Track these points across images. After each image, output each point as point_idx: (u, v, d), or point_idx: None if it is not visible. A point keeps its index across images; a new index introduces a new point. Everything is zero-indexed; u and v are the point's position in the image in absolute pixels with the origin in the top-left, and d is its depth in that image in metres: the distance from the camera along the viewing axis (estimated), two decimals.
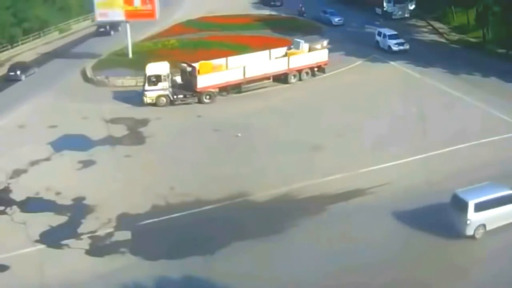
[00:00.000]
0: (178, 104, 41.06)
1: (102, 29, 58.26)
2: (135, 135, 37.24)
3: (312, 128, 36.64)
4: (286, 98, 42.09)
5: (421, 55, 49.96)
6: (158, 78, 39.81)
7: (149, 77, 40.12)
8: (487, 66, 45.78)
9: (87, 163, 33.24)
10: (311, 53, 45.96)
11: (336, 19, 61.96)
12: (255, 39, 53.82)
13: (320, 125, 37.15)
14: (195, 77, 40.48)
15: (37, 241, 26.30)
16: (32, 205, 29.35)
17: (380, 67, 48.09)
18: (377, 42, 52.72)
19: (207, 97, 41.11)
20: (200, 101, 40.97)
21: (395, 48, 50.85)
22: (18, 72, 48.17)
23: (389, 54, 50.58)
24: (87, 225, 27.52)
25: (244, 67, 42.24)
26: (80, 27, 64.71)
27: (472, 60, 47.92)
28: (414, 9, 64.27)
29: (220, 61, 43.43)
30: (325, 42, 54.56)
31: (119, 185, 30.49)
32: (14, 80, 47.87)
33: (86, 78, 47.84)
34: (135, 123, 38.76)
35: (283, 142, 34.70)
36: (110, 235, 26.82)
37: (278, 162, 32.46)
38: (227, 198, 29.08)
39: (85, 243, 26.27)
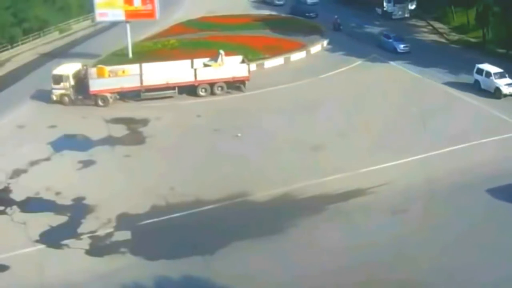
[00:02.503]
0: (79, 105, 41.33)
1: None
2: (135, 135, 37.24)
3: (312, 127, 36.67)
4: (286, 98, 42.05)
5: (421, 55, 49.97)
6: (60, 78, 41.09)
7: (52, 76, 41.53)
8: None
9: (87, 163, 33.24)
10: (224, 67, 42.70)
11: (401, 46, 51.85)
12: (255, 39, 53.84)
13: (320, 124, 37.16)
14: (88, 80, 41.01)
15: (37, 241, 26.29)
16: (32, 205, 29.33)
17: (380, 67, 48.09)
18: (477, 81, 42.17)
19: (101, 100, 41.10)
20: (96, 104, 41.09)
21: (506, 90, 40.29)
22: None
23: (392, 54, 50.55)
24: (87, 225, 27.51)
25: (140, 75, 41.29)
26: (80, 27, 64.66)
27: (472, 60, 47.86)
28: (414, 9, 64.30)
29: (133, 66, 42.83)
30: (325, 43, 54.85)
31: (119, 185, 30.49)
32: None
33: None
34: (135, 123, 38.77)
35: (284, 142, 34.73)
36: (110, 235, 26.81)
37: (278, 162, 32.47)
38: (227, 198, 29.08)
39: (85, 243, 26.26)
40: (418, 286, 22.86)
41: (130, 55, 49.70)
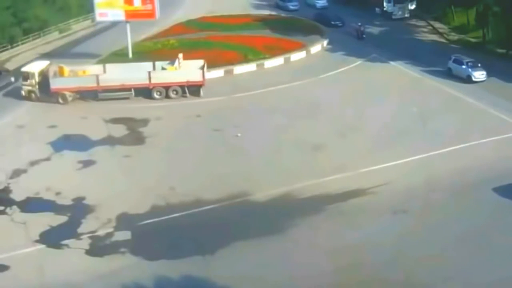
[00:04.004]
0: (45, 101, 41.87)
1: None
2: (135, 135, 37.24)
3: (312, 127, 36.66)
4: (286, 98, 42.04)
5: (421, 55, 49.92)
6: (27, 75, 42.38)
7: (21, 73, 43.14)
8: (487, 66, 45.73)
9: (87, 163, 33.26)
10: (179, 71, 42.80)
11: (477, 74, 43.44)
12: (255, 39, 53.80)
13: (320, 124, 37.16)
14: (48, 79, 42.04)
15: (37, 241, 26.32)
16: (32, 205, 29.35)
17: (380, 67, 48.02)
18: None
19: (61, 98, 42.03)
20: (57, 101, 42.04)
21: None
22: None
23: (392, 54, 50.41)
24: (87, 225, 27.53)
25: (97, 76, 41.88)
26: (80, 27, 64.57)
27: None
28: (414, 9, 64.22)
29: (97, 67, 43.72)
30: (325, 43, 54.81)
31: (119, 185, 30.49)
32: None
33: None
34: (135, 123, 38.77)
35: (284, 142, 34.75)
36: (110, 235, 26.83)
37: (278, 162, 32.47)
38: (227, 198, 29.10)
39: (85, 243, 26.28)
40: (418, 286, 22.87)
41: (130, 55, 49.73)
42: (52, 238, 26.52)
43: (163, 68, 43.62)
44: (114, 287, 23.36)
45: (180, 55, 44.01)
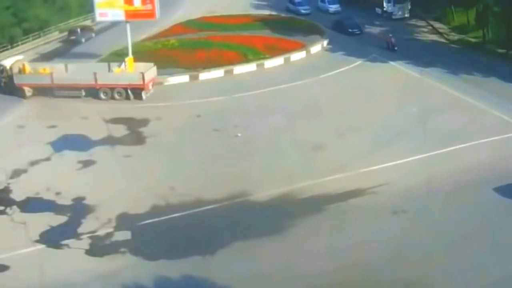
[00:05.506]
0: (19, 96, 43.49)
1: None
2: (135, 135, 37.26)
3: (312, 127, 36.63)
4: (286, 98, 42.06)
5: (421, 55, 49.94)
6: (2, 69, 44.72)
7: None
8: (487, 66, 45.77)
9: (87, 163, 33.25)
10: (122, 73, 43.62)
11: None
12: (255, 39, 53.82)
13: (320, 124, 37.13)
14: (12, 75, 44.02)
15: (37, 241, 26.29)
16: (32, 205, 29.32)
17: (380, 67, 48.06)
18: None
19: (21, 93, 43.77)
20: (20, 96, 43.76)
21: None
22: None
23: (392, 54, 50.43)
24: (87, 225, 27.51)
25: (51, 74, 43.27)
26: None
27: (472, 60, 47.90)
28: (411, 8, 64.20)
29: (59, 66, 45.17)
30: (325, 43, 54.85)
31: (119, 185, 30.49)
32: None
33: None
34: (135, 123, 38.78)
35: (284, 142, 34.73)
36: (110, 235, 26.80)
37: (278, 161, 32.47)
38: (227, 198, 29.08)
39: (85, 243, 26.26)
40: (418, 286, 22.86)
41: (130, 55, 49.70)
42: (52, 238, 26.48)
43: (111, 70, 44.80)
44: (114, 287, 23.36)
45: (127, 58, 44.95)
